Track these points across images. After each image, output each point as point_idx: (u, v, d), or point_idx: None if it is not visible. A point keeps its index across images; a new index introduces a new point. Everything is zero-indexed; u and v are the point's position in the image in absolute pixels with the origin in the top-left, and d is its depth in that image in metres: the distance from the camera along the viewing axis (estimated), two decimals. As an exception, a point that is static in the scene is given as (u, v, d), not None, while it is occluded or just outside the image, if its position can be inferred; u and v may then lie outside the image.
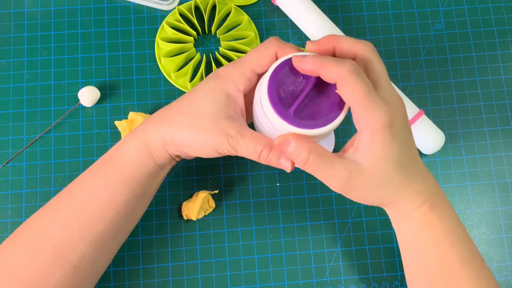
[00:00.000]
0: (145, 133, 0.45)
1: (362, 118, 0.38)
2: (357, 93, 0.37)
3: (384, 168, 0.39)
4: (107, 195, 0.44)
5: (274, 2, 0.59)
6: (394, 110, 0.39)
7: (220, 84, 0.42)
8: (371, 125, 0.38)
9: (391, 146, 0.38)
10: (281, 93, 0.40)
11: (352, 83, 0.37)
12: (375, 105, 0.37)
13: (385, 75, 0.40)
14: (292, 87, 0.40)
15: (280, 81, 0.40)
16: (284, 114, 0.39)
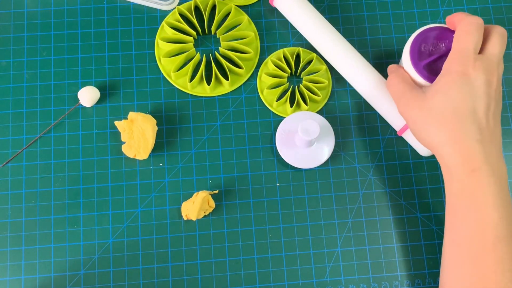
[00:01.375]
0: None
1: (454, 45, 0.46)
2: (456, 42, 0.46)
3: (439, 102, 0.45)
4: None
5: (271, 4, 0.59)
6: (479, 67, 0.44)
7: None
8: (445, 66, 0.45)
9: (454, 88, 0.44)
10: (421, 48, 0.51)
11: (459, 33, 0.46)
12: (461, 55, 0.44)
13: (499, 45, 0.45)
14: (432, 47, 0.52)
15: (424, 39, 0.52)
16: (416, 64, 0.51)
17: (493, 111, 0.45)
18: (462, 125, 0.44)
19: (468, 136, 0.43)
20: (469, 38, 0.45)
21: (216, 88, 0.58)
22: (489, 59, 0.45)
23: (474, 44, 0.45)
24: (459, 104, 0.44)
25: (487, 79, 0.44)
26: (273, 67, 0.58)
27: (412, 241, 0.55)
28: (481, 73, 0.44)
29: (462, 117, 0.44)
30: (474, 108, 0.44)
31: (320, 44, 0.57)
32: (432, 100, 0.45)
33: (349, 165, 0.57)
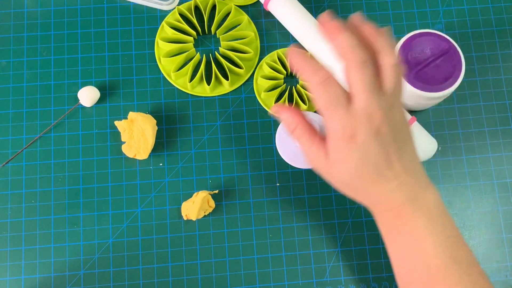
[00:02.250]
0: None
1: (325, 125, 0.42)
2: (318, 102, 0.40)
3: (341, 173, 0.42)
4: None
5: (266, 8, 0.59)
6: (359, 126, 0.40)
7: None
8: (329, 135, 0.41)
9: (347, 158, 0.41)
10: (408, 57, 0.53)
11: (317, 94, 0.40)
12: (333, 119, 0.40)
13: (362, 88, 0.40)
14: (417, 55, 0.53)
15: (409, 48, 0.53)
16: (406, 74, 0.52)
17: (395, 152, 0.42)
18: (371, 184, 0.42)
19: (381, 192, 0.42)
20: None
21: (216, 88, 0.58)
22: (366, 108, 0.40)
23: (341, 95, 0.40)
24: (360, 170, 0.42)
25: (374, 131, 0.41)
26: (268, 69, 0.58)
27: (412, 241, 0.55)
28: (365, 130, 0.40)
29: (368, 178, 0.42)
30: (375, 165, 0.42)
31: (313, 49, 0.57)
32: (336, 171, 0.42)
33: (349, 165, 0.57)
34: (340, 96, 0.40)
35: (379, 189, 0.42)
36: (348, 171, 0.41)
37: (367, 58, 0.40)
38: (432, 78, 0.53)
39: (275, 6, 0.57)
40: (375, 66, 0.41)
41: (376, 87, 0.40)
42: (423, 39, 0.53)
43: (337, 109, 0.40)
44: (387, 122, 0.41)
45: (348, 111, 0.40)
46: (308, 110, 0.57)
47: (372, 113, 0.40)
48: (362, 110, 0.40)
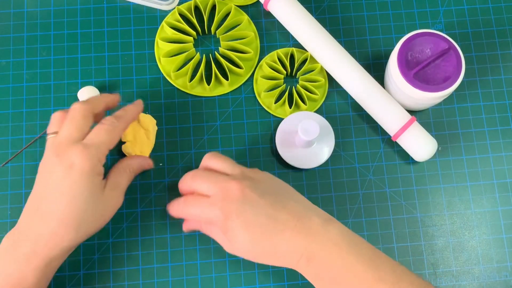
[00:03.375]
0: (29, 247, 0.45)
1: (206, 220, 0.48)
2: (192, 212, 0.48)
3: (241, 248, 0.45)
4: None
5: (265, 8, 0.59)
6: (224, 204, 0.45)
7: (87, 169, 0.45)
8: (212, 222, 0.46)
9: (234, 234, 0.44)
10: (408, 57, 0.53)
11: (186, 211, 0.48)
12: (204, 212, 0.46)
13: (206, 181, 0.47)
14: (418, 54, 0.53)
15: (410, 48, 0.53)
16: (406, 74, 0.52)
17: (272, 206, 0.45)
18: (269, 244, 0.44)
19: (282, 246, 0.44)
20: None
21: (216, 88, 0.58)
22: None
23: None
24: (252, 238, 0.44)
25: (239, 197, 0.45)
26: (268, 69, 0.58)
27: (412, 241, 0.55)
28: (230, 207, 0.45)
29: (262, 242, 0.44)
30: (261, 225, 0.44)
31: (313, 49, 0.57)
32: (237, 249, 0.46)
33: (349, 165, 0.57)
34: (199, 199, 0.47)
35: (278, 243, 0.44)
36: (243, 244, 0.45)
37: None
38: (432, 78, 0.53)
39: (275, 6, 0.57)
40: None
41: (222, 175, 0.47)
42: (423, 39, 0.53)
43: (202, 207, 0.46)
44: (247, 184, 0.45)
45: (210, 200, 0.46)
46: (308, 110, 0.57)
47: (227, 187, 0.45)
48: (218, 193, 0.45)
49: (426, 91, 0.52)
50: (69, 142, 0.46)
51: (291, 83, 0.59)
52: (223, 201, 0.45)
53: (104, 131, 0.47)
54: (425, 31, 0.53)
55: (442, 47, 0.53)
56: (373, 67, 0.60)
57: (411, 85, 0.52)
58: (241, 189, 0.45)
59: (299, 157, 0.55)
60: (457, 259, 0.55)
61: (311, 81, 0.58)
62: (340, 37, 0.61)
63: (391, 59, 0.54)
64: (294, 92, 0.58)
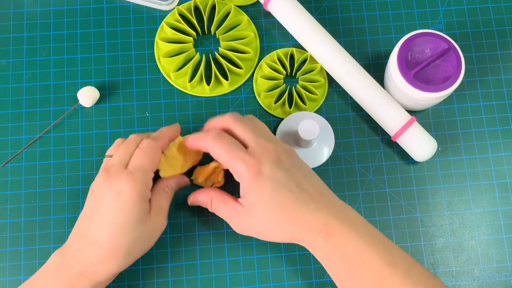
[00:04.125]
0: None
1: (233, 174, 0.47)
2: (220, 155, 0.46)
3: (262, 210, 0.45)
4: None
5: (265, 8, 0.58)
6: (260, 159, 0.45)
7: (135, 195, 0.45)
8: (240, 178, 0.46)
9: (261, 191, 0.44)
10: (408, 57, 0.53)
11: (215, 148, 0.46)
12: (237, 162, 0.45)
13: (249, 134, 0.47)
14: (418, 54, 0.53)
15: (409, 48, 0.53)
16: (406, 74, 0.52)
17: (303, 177, 0.46)
18: (293, 210, 0.44)
19: (304, 216, 0.44)
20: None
21: (215, 88, 0.58)
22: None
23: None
24: (276, 198, 0.44)
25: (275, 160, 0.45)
26: (268, 69, 0.58)
27: (412, 241, 0.55)
28: (267, 162, 0.45)
29: (287, 205, 0.45)
30: (289, 190, 0.45)
31: (313, 49, 0.57)
32: (257, 213, 0.45)
33: (349, 165, 0.57)
34: (235, 142, 0.46)
35: (302, 212, 0.44)
36: (266, 205, 0.44)
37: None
38: (432, 78, 0.53)
39: (275, 6, 0.57)
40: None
41: (256, 132, 0.47)
42: (423, 39, 0.53)
43: (236, 153, 0.45)
44: (283, 152, 0.46)
45: (246, 152, 0.45)
46: (308, 110, 0.57)
47: (266, 146, 0.46)
48: (257, 147, 0.46)
49: (426, 91, 0.52)
50: (119, 167, 0.46)
51: (291, 83, 0.59)
52: (260, 157, 0.45)
53: (144, 155, 0.47)
54: (425, 31, 0.53)
55: (442, 47, 0.53)
56: (373, 67, 0.60)
57: (411, 85, 0.52)
58: (278, 154, 0.46)
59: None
60: (457, 259, 0.55)
61: (311, 81, 0.58)
62: (340, 37, 0.61)
63: (391, 59, 0.54)
64: (294, 92, 0.58)
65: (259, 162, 0.45)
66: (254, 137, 0.47)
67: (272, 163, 0.45)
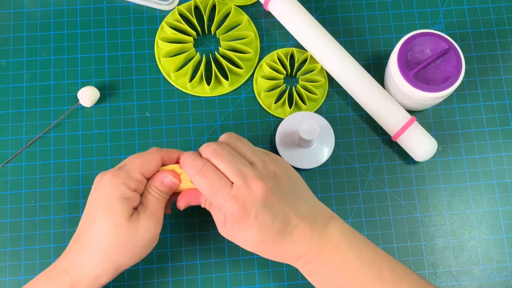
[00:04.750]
0: (69, 277, 0.45)
1: (219, 207, 0.44)
2: (204, 193, 0.44)
3: (244, 244, 0.45)
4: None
5: (266, 8, 0.58)
6: (246, 201, 0.42)
7: (113, 192, 0.44)
8: (225, 213, 0.44)
9: (246, 232, 0.43)
10: (408, 57, 0.53)
11: (198, 185, 0.44)
12: (220, 202, 0.43)
13: (230, 168, 0.43)
14: (418, 54, 0.53)
15: (410, 48, 0.53)
16: (406, 74, 0.52)
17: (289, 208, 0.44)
18: (275, 246, 0.44)
19: (285, 248, 0.44)
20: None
21: (216, 88, 0.58)
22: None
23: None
24: (262, 240, 0.43)
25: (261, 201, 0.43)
26: (268, 69, 0.58)
27: (412, 241, 0.55)
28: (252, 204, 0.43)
29: (270, 244, 0.44)
30: (274, 230, 0.43)
31: (313, 49, 0.57)
32: (241, 243, 0.45)
33: (349, 165, 0.57)
34: (219, 182, 0.43)
35: (283, 246, 0.44)
36: (249, 242, 0.44)
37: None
38: (432, 78, 0.53)
39: (275, 6, 0.57)
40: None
41: (245, 163, 0.43)
42: (423, 39, 0.53)
43: (219, 193, 0.42)
44: (270, 185, 0.43)
45: (231, 193, 0.42)
46: (308, 110, 0.57)
47: (252, 183, 0.42)
48: (242, 185, 0.42)
49: (426, 91, 0.52)
50: (116, 168, 0.45)
51: (291, 83, 0.59)
52: (245, 199, 0.42)
53: (137, 155, 0.46)
54: (425, 31, 0.53)
55: (442, 47, 0.53)
56: (373, 67, 0.60)
57: (411, 85, 0.52)
58: (265, 192, 0.42)
59: (299, 157, 0.55)
60: (457, 259, 0.55)
61: (311, 81, 0.58)
62: (340, 37, 0.61)
63: (391, 59, 0.54)
64: (294, 92, 0.58)
65: (244, 206, 0.42)
66: (237, 172, 0.43)
67: (259, 206, 0.42)
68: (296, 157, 0.55)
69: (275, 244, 0.44)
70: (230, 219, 0.44)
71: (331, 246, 0.44)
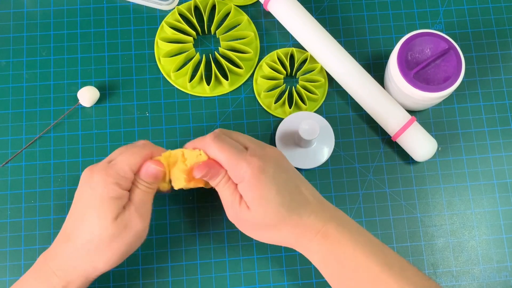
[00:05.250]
0: (61, 279, 0.44)
1: (232, 175, 0.44)
2: (220, 157, 0.44)
3: (262, 212, 0.44)
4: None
5: (265, 8, 0.58)
6: (264, 159, 0.44)
7: (106, 193, 0.43)
8: (241, 179, 0.44)
9: (265, 188, 0.43)
10: (408, 57, 0.53)
11: (217, 150, 0.44)
12: (239, 163, 0.43)
13: (243, 137, 0.47)
14: (418, 54, 0.53)
15: (409, 48, 0.53)
16: (406, 74, 0.52)
17: (300, 182, 0.46)
18: (293, 212, 0.44)
19: (303, 218, 0.44)
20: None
21: (215, 88, 0.58)
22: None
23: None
24: (279, 199, 0.44)
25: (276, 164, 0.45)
26: (268, 69, 0.58)
27: (412, 241, 0.55)
28: (270, 163, 0.44)
29: (288, 206, 0.44)
30: (290, 192, 0.44)
31: (313, 49, 0.57)
32: (258, 212, 0.44)
33: (349, 165, 0.57)
34: (236, 144, 0.45)
35: (301, 214, 0.44)
36: (267, 206, 0.43)
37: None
38: (432, 78, 0.53)
39: (275, 6, 0.57)
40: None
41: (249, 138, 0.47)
42: (423, 39, 0.53)
43: (239, 154, 0.44)
44: (280, 155, 0.46)
45: (248, 154, 0.44)
46: (308, 110, 0.57)
47: (265, 147, 0.46)
48: (256, 148, 0.45)
49: (426, 91, 0.52)
50: (104, 162, 0.45)
51: (291, 83, 0.59)
52: (262, 158, 0.44)
53: (125, 148, 0.46)
54: (425, 31, 0.53)
55: (442, 47, 0.53)
56: (373, 67, 0.60)
57: (411, 85, 0.52)
58: (277, 155, 0.46)
59: (299, 157, 0.55)
60: (457, 259, 0.55)
61: (311, 81, 0.58)
62: (340, 37, 0.61)
63: (391, 59, 0.54)
64: (294, 92, 0.58)
65: (262, 163, 0.44)
66: (250, 140, 0.47)
67: (275, 166, 0.44)
68: (296, 157, 0.55)
69: (292, 210, 0.44)
70: (249, 181, 0.43)
71: (344, 226, 0.45)
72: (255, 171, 0.43)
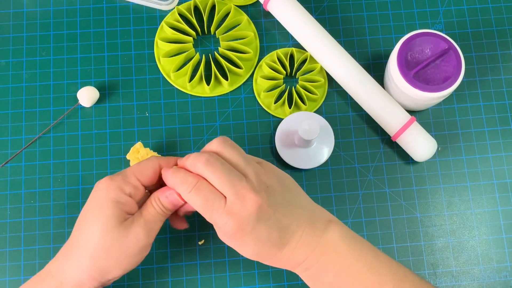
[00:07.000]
0: (55, 280, 0.44)
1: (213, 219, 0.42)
2: (198, 210, 0.43)
3: (243, 252, 0.44)
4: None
5: (265, 8, 0.58)
6: (240, 216, 0.41)
7: (106, 195, 0.43)
8: (218, 230, 0.43)
9: (244, 247, 0.43)
10: (408, 57, 0.53)
11: (191, 202, 0.43)
12: (215, 219, 0.42)
13: (223, 180, 0.42)
14: (418, 54, 0.53)
15: (409, 48, 0.53)
16: (406, 74, 0.52)
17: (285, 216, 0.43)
18: (273, 255, 0.44)
19: (284, 256, 0.44)
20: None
21: (215, 88, 0.58)
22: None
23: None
24: (259, 251, 0.43)
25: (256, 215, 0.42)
26: (268, 69, 0.58)
27: (411, 241, 0.55)
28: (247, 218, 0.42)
29: (268, 254, 0.43)
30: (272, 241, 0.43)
31: (313, 49, 0.57)
32: (238, 249, 0.44)
33: (348, 165, 0.57)
34: (213, 198, 0.42)
35: (281, 255, 0.44)
36: (248, 256, 0.44)
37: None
38: (432, 78, 0.53)
39: (275, 6, 0.57)
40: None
41: (238, 175, 0.42)
42: (423, 39, 0.53)
43: (214, 210, 0.42)
44: (264, 197, 0.42)
45: (226, 208, 0.41)
46: (307, 110, 0.57)
47: (245, 196, 0.42)
48: (235, 200, 0.41)
49: (426, 91, 0.52)
50: (114, 175, 0.45)
51: (291, 83, 0.59)
52: (239, 214, 0.41)
53: (136, 163, 0.46)
54: (425, 31, 0.53)
55: (442, 47, 0.53)
56: (373, 67, 0.60)
57: (411, 85, 0.52)
58: (259, 205, 0.42)
59: (299, 157, 0.55)
60: (457, 259, 0.55)
61: (311, 81, 0.58)
62: (340, 37, 0.61)
63: (391, 59, 0.54)
64: (293, 92, 0.58)
65: (240, 220, 0.41)
66: (230, 186, 0.42)
67: (254, 219, 0.42)
68: (296, 157, 0.55)
69: (273, 255, 0.43)
70: (226, 235, 0.43)
71: (330, 251, 0.43)
72: (233, 229, 0.42)
